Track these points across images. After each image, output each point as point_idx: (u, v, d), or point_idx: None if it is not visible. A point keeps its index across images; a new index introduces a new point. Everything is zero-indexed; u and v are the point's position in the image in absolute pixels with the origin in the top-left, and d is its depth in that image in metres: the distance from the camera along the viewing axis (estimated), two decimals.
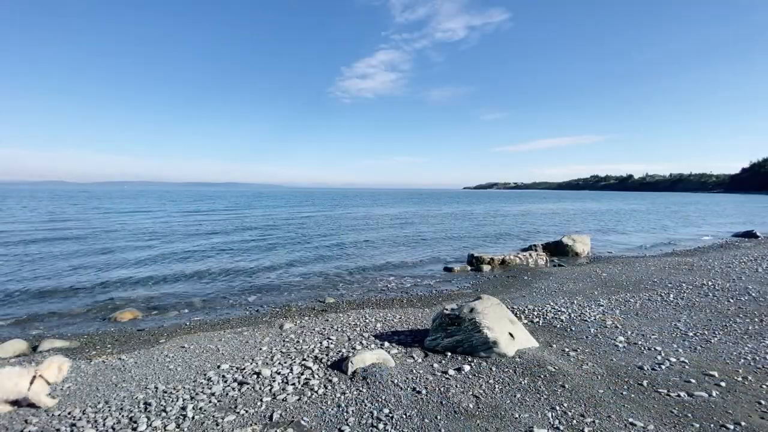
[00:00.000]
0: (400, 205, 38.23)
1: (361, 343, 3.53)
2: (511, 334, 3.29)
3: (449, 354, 3.22)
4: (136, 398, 2.58)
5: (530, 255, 8.45)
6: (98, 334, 4.23)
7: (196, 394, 2.60)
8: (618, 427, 2.17)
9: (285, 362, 3.10)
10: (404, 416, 2.29)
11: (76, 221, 17.21)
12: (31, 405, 2.38)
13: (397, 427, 2.19)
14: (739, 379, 2.75)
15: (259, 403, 2.46)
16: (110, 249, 10.00)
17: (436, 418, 2.28)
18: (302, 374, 2.87)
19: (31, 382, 2.33)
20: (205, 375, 2.91)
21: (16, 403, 2.33)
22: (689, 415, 2.29)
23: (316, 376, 2.83)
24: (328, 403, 2.47)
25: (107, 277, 6.99)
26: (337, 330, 3.92)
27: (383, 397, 2.51)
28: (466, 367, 2.93)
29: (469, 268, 7.91)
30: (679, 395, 2.51)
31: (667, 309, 4.56)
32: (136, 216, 20.84)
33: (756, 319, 4.09)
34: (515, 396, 2.53)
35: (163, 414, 2.36)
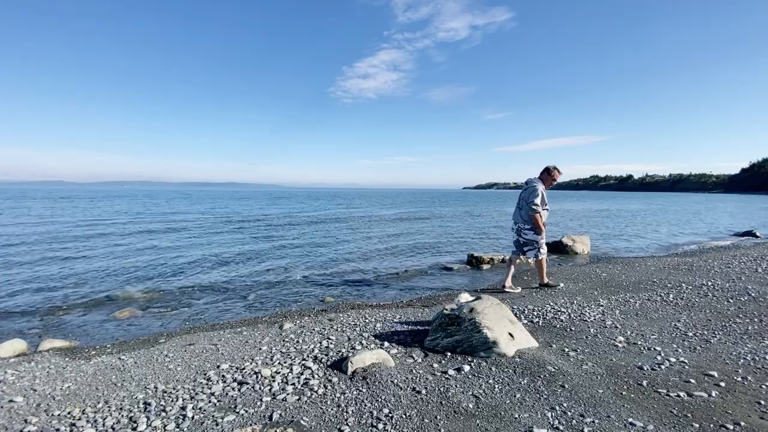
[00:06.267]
0: (400, 205, 38.23)
1: (360, 343, 3.53)
2: (510, 334, 3.28)
3: (449, 354, 3.22)
4: (136, 398, 2.58)
5: None
6: (98, 333, 4.23)
7: (196, 393, 2.60)
8: (618, 427, 2.17)
9: (285, 362, 3.10)
10: (404, 416, 2.29)
11: (76, 221, 17.20)
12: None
13: (397, 427, 2.19)
14: (739, 379, 2.74)
15: (258, 403, 2.46)
16: (110, 248, 10.00)
17: (435, 418, 2.28)
18: (302, 374, 2.86)
19: None
20: (204, 375, 2.91)
21: None
22: (689, 415, 2.29)
23: (316, 376, 2.83)
24: (328, 403, 2.47)
25: (107, 277, 7.00)
26: (336, 330, 3.92)
27: (383, 397, 2.50)
28: (466, 367, 2.93)
29: (468, 267, 7.92)
30: (678, 395, 2.50)
31: (667, 309, 4.56)
32: (137, 215, 20.84)
33: (756, 319, 4.09)
34: (515, 396, 2.53)
35: (163, 414, 2.36)
